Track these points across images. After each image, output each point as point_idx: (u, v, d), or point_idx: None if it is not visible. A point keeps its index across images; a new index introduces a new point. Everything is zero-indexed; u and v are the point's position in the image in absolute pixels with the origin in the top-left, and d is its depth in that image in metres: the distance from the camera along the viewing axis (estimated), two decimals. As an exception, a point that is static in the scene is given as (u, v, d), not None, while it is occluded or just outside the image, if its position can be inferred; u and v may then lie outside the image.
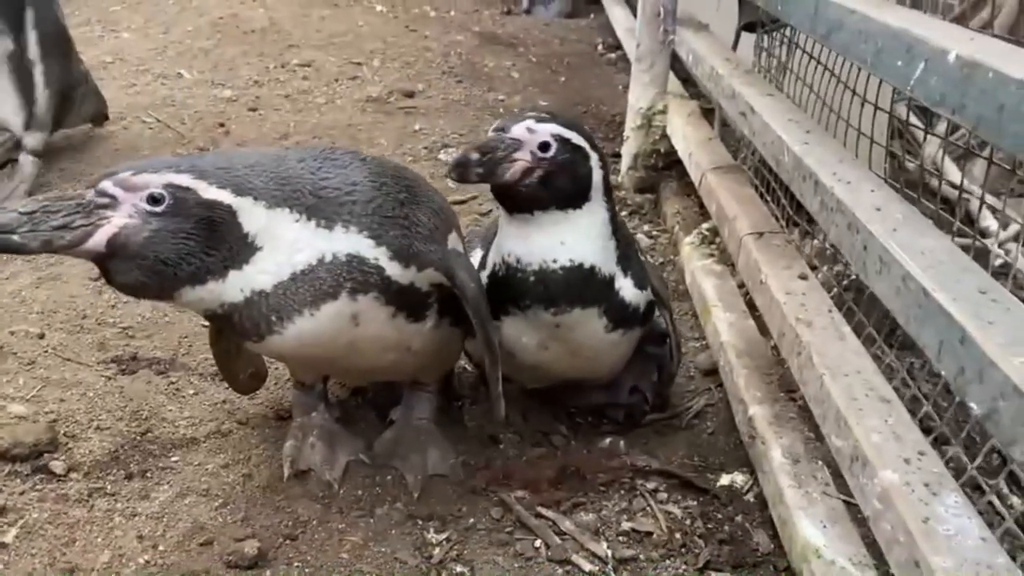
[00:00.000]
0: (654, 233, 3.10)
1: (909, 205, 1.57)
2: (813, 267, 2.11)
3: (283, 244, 1.46)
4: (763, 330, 2.07)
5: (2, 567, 1.57)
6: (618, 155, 3.47)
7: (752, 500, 1.81)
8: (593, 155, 1.70)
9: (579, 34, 5.85)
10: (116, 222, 1.37)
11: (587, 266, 1.71)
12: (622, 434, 2.02)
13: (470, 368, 2.18)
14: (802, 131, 1.98)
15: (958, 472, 1.37)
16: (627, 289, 1.80)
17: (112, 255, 1.38)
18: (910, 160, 2.02)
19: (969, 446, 1.56)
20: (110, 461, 1.86)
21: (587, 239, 1.71)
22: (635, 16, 3.41)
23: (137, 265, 1.38)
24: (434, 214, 1.65)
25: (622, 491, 1.85)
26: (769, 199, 2.42)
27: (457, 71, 4.80)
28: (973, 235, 1.62)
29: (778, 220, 2.29)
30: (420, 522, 1.74)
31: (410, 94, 4.37)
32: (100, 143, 3.67)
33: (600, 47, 5.55)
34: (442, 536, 1.71)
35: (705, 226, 2.70)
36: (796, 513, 1.55)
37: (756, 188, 2.52)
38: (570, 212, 1.68)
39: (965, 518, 1.21)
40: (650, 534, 1.73)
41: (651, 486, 1.86)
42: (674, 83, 3.40)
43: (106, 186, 1.38)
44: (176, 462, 1.88)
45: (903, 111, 2.35)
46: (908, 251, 1.35)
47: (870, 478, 1.32)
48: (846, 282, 2.07)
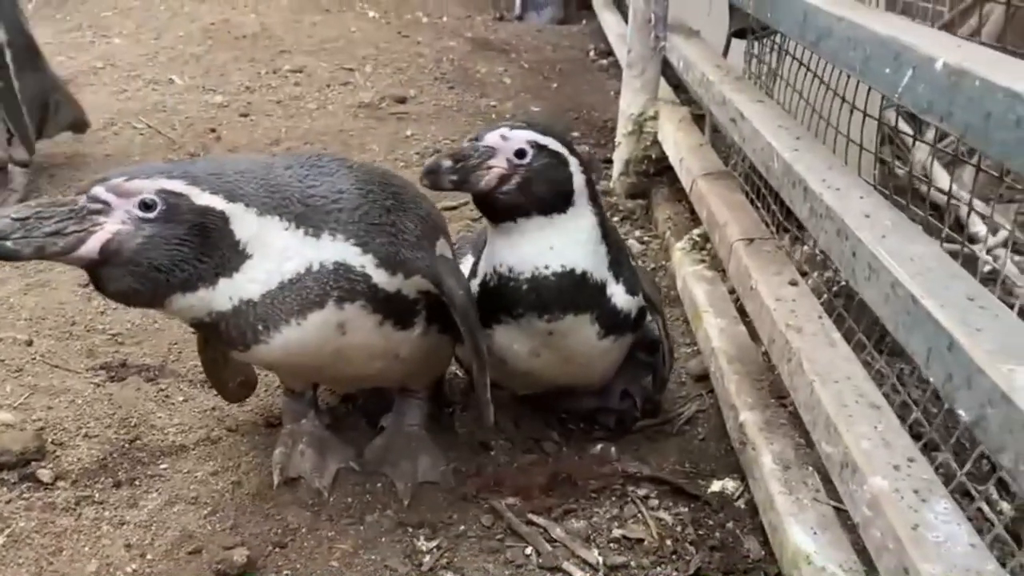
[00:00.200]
0: (645, 239, 3.10)
1: (898, 211, 1.58)
2: (803, 273, 2.12)
3: (273, 252, 1.45)
4: (754, 336, 2.07)
5: (-12, 576, 1.56)
6: (609, 161, 3.48)
7: (743, 506, 1.81)
8: (572, 160, 1.70)
9: (571, 40, 5.86)
10: (109, 228, 1.36)
11: (579, 271, 1.71)
12: (613, 440, 2.01)
13: (461, 374, 2.18)
14: (792, 137, 1.99)
15: (948, 478, 1.36)
16: (619, 295, 1.80)
17: (105, 261, 1.37)
18: (899, 166, 2.03)
19: (959, 452, 1.56)
20: (98, 469, 1.85)
21: (576, 243, 1.71)
22: (627, 22, 3.42)
23: (130, 272, 1.37)
24: (421, 220, 1.64)
25: (613, 498, 1.85)
26: (759, 205, 2.43)
27: (449, 77, 4.80)
28: (962, 241, 1.62)
29: (768, 226, 2.30)
30: (410, 529, 1.74)
31: (402, 100, 4.38)
32: (91, 149, 3.66)
33: (592, 53, 5.56)
34: (432, 543, 1.70)
35: (696, 232, 2.71)
36: (787, 519, 1.55)
37: (747, 194, 2.52)
38: (555, 217, 1.69)
39: (954, 524, 1.21)
40: (641, 541, 1.73)
41: (642, 492, 1.86)
42: (665, 89, 3.41)
43: (99, 192, 1.37)
44: (165, 470, 1.87)
45: (892, 117, 2.36)
46: (897, 257, 1.35)
47: (860, 484, 1.32)
48: (836, 288, 2.08)
